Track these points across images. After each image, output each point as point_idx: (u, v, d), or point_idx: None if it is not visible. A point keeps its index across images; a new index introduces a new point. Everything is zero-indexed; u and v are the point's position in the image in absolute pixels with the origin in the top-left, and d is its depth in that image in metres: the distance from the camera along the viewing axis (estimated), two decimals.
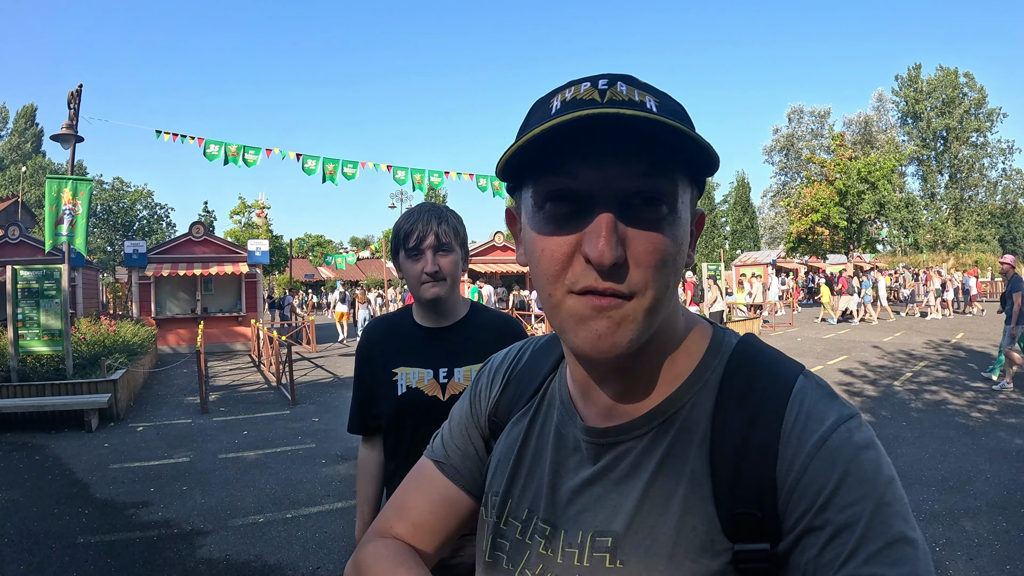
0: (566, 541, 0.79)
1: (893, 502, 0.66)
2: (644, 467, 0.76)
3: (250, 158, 14.77)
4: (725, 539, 0.70)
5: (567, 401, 0.88)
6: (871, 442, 0.69)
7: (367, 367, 2.12)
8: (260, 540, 5.16)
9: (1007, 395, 9.83)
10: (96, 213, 57.45)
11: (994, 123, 59.10)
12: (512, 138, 0.73)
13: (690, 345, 0.81)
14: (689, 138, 0.65)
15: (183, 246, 21.42)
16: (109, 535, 5.31)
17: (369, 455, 2.17)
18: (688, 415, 0.76)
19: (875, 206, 28.65)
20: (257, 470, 7.13)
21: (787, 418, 0.71)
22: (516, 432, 0.94)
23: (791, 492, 0.68)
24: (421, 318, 2.09)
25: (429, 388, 1.99)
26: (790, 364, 0.78)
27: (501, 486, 0.90)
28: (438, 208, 2.02)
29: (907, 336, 18.30)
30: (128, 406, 10.91)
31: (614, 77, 0.72)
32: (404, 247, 1.98)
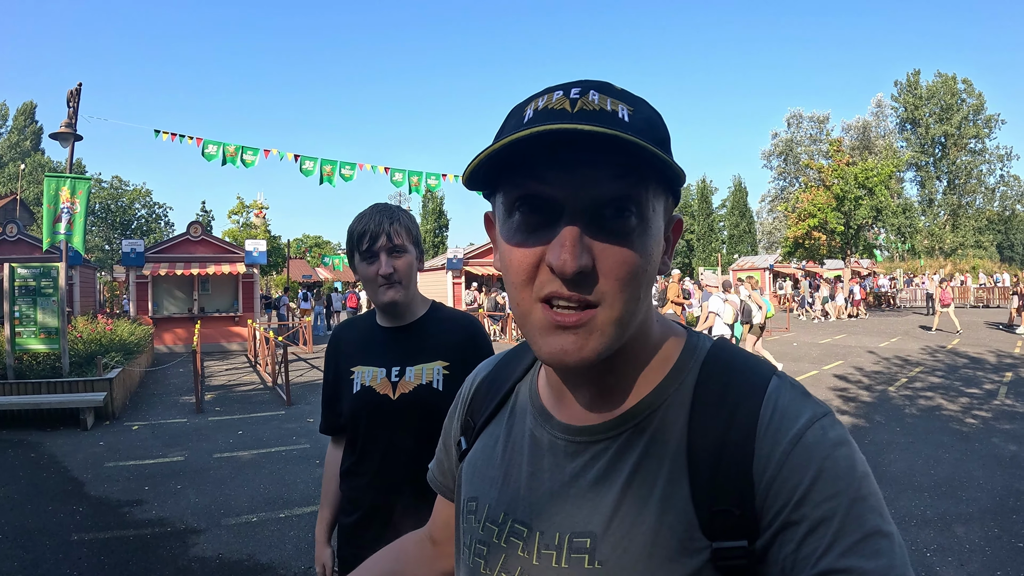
0: (542, 543, 0.79)
1: (868, 496, 0.67)
2: (620, 468, 0.77)
3: (248, 158, 14.78)
4: (703, 537, 0.70)
5: (539, 404, 0.89)
6: (844, 439, 0.71)
7: (332, 367, 2.14)
8: (253, 539, 5.17)
9: (1001, 401, 9.85)
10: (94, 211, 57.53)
11: (992, 129, 59.32)
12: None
13: (665, 349, 0.83)
14: (652, 154, 0.66)
15: (181, 245, 21.44)
16: (103, 533, 5.32)
17: (334, 454, 2.20)
18: (664, 416, 0.77)
19: (872, 212, 28.68)
20: (251, 470, 7.14)
21: (762, 417, 0.72)
22: (489, 438, 0.95)
23: (768, 489, 0.69)
24: (381, 319, 2.11)
25: (380, 387, 1.99)
26: (764, 366, 0.80)
27: (477, 491, 0.91)
28: (390, 208, 2.02)
29: (903, 342, 18.32)
30: (124, 405, 10.92)
31: (588, 85, 0.72)
32: (358, 250, 1.97)
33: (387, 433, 1.99)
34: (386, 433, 1.99)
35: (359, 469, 2.03)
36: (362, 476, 2.02)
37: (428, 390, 1.99)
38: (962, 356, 14.97)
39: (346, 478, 2.08)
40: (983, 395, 10.38)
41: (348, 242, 2.02)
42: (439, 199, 57.31)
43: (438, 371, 2.00)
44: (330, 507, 2.17)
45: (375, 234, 1.94)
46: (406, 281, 1.99)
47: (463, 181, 0.75)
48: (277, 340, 13.55)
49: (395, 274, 1.95)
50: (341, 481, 2.12)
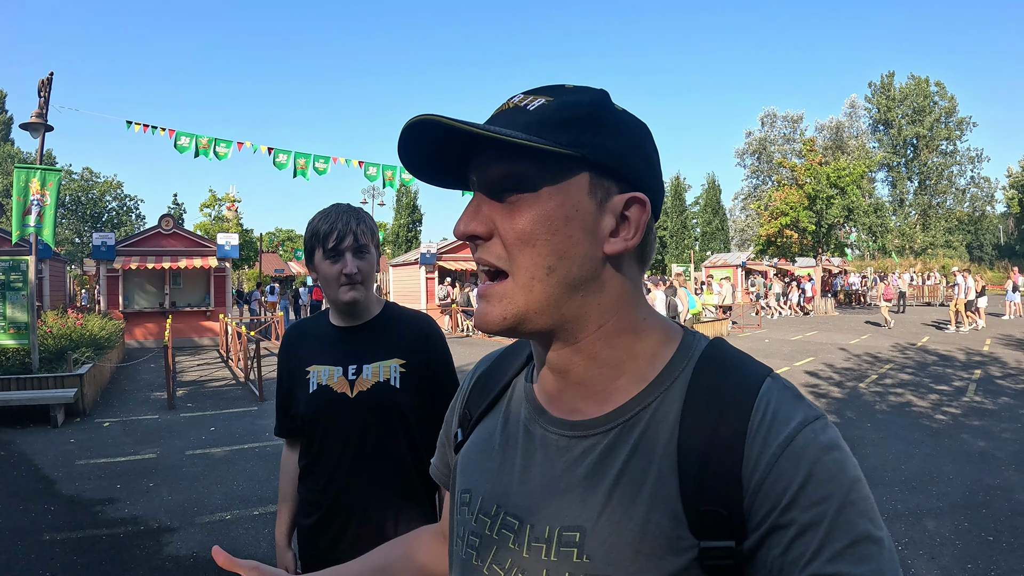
0: (532, 536, 0.79)
1: (858, 501, 0.68)
2: (611, 463, 0.77)
3: (221, 151, 14.62)
4: (691, 536, 0.71)
5: (533, 399, 0.90)
6: (836, 443, 0.71)
7: (285, 368, 2.13)
8: (227, 537, 5.13)
9: (970, 398, 10.01)
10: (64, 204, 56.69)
11: (964, 132, 60.23)
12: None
13: (657, 346, 0.83)
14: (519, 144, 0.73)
15: (152, 239, 21.18)
16: (75, 532, 5.25)
17: (290, 457, 2.18)
18: (655, 414, 0.78)
19: (844, 211, 28.97)
20: (225, 466, 7.08)
21: (753, 418, 0.72)
22: (484, 431, 0.96)
23: (756, 491, 0.69)
24: (336, 318, 2.09)
25: (338, 385, 1.99)
26: (757, 367, 0.80)
27: (471, 483, 0.92)
28: (355, 209, 2.02)
29: (873, 339, 18.55)
30: (94, 401, 10.76)
31: (533, 89, 0.82)
32: (322, 247, 1.96)
33: (345, 431, 1.98)
34: (344, 431, 1.98)
35: (316, 468, 2.02)
36: (319, 476, 2.01)
37: (386, 387, 1.99)
38: (932, 353, 15.20)
39: (304, 479, 2.08)
40: (952, 392, 10.54)
41: (310, 239, 1.99)
42: (413, 194, 57.06)
43: (395, 368, 2.00)
44: (288, 510, 2.16)
45: (342, 233, 1.93)
46: (368, 282, 2.00)
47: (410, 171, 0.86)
48: (249, 335, 13.43)
49: (358, 274, 1.95)
50: (299, 483, 2.11)
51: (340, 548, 1.95)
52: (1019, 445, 7.36)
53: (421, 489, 2.05)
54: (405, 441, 2.01)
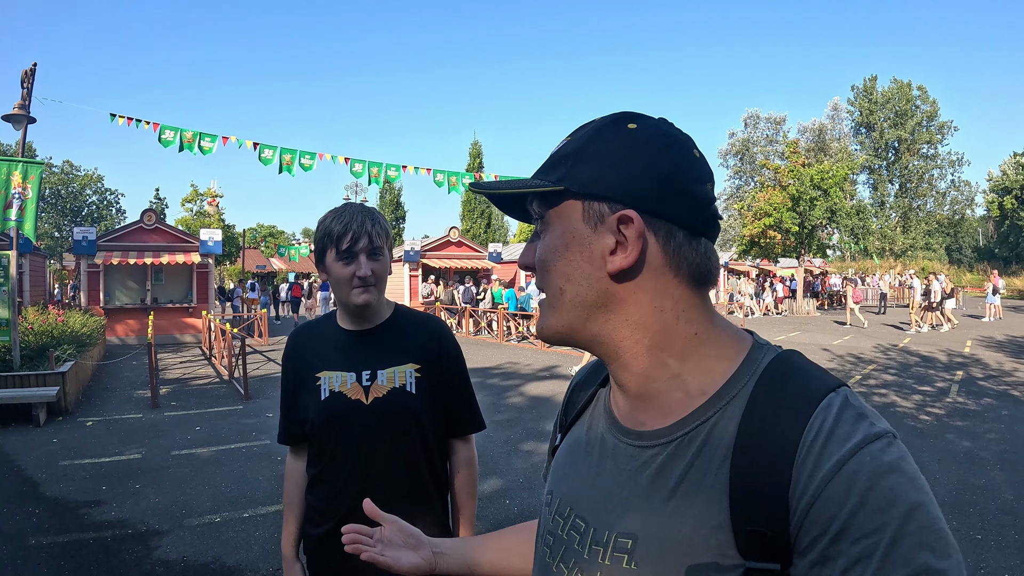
0: (594, 539, 0.82)
1: (917, 531, 0.63)
2: (669, 475, 0.78)
3: (206, 145, 14.51)
4: (738, 555, 0.70)
5: (609, 409, 0.93)
6: (896, 465, 0.67)
7: (291, 374, 2.06)
8: (218, 540, 5.07)
9: (953, 399, 10.11)
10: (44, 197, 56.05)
11: (945, 136, 60.79)
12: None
13: (717, 360, 0.82)
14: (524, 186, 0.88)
15: (134, 234, 20.94)
16: (62, 536, 5.17)
17: (296, 465, 2.11)
18: (714, 429, 0.77)
19: (827, 212, 29.18)
20: (211, 467, 7.00)
21: (806, 436, 0.69)
22: (571, 438, 1.01)
23: (804, 515, 0.67)
24: (345, 321, 2.03)
25: (352, 392, 1.93)
26: (824, 380, 0.76)
27: (554, 485, 0.97)
28: (370, 209, 1.96)
29: (856, 339, 18.70)
30: (77, 399, 10.62)
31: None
32: (336, 248, 1.89)
33: (360, 439, 1.92)
34: (359, 439, 1.92)
35: (328, 476, 1.96)
36: (332, 484, 1.95)
37: (403, 393, 1.95)
38: (913, 355, 15.33)
39: (313, 487, 2.01)
40: (936, 392, 10.65)
41: (322, 238, 1.92)
42: (397, 191, 56.86)
43: (410, 373, 1.96)
44: (295, 519, 2.09)
45: (357, 234, 1.87)
46: (381, 285, 1.95)
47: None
48: (234, 332, 13.32)
49: (372, 277, 1.90)
50: (308, 492, 2.04)
51: (353, 558, 1.90)
52: (1003, 445, 7.46)
53: (435, 495, 2.03)
54: (421, 447, 1.98)
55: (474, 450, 2.17)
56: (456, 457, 2.12)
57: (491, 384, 12.17)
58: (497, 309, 21.39)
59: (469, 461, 2.13)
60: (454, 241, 27.99)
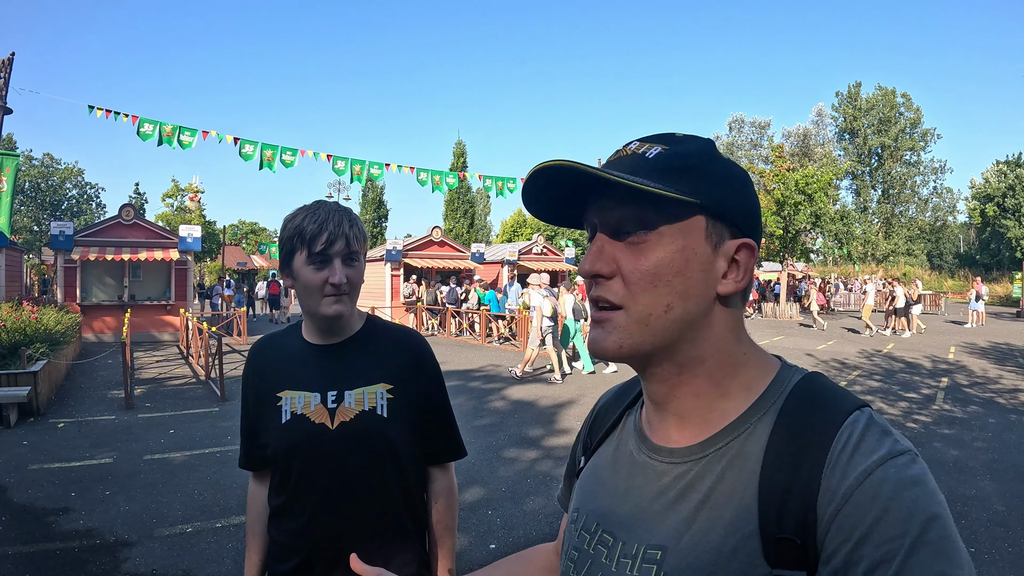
0: (623, 552, 0.85)
1: (935, 540, 0.67)
2: (698, 489, 0.81)
3: (186, 140, 14.34)
4: (765, 564, 0.73)
5: (639, 428, 0.96)
6: (919, 480, 0.71)
7: (252, 393, 1.84)
8: (189, 552, 4.87)
9: (940, 406, 10.06)
10: (24, 190, 55.40)
11: (928, 143, 61.20)
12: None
13: (754, 379, 0.87)
14: (647, 192, 0.79)
15: (112, 229, 20.54)
16: (28, 546, 4.97)
17: (258, 491, 1.90)
18: (744, 443, 0.81)
19: (811, 217, 29.24)
20: (184, 473, 6.79)
21: (834, 449, 0.74)
22: (599, 458, 1.03)
23: (830, 524, 0.70)
24: (311, 334, 1.82)
25: (316, 415, 1.72)
26: (849, 399, 0.81)
27: (581, 503, 0.99)
28: (346, 209, 1.75)
29: (839, 345, 18.70)
30: (49, 400, 10.36)
31: (651, 137, 0.89)
32: (307, 250, 1.68)
33: (326, 468, 1.72)
34: (325, 468, 1.72)
35: (293, 510, 1.75)
36: (298, 518, 1.74)
37: (372, 417, 1.73)
38: (898, 360, 15.33)
39: (277, 520, 1.80)
40: (922, 400, 10.61)
41: (290, 239, 1.71)
42: (379, 189, 56.59)
43: (382, 395, 1.75)
44: (258, 550, 1.88)
45: (334, 236, 1.67)
46: (355, 294, 1.75)
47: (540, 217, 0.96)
48: (211, 331, 13.07)
49: (346, 284, 1.69)
50: (271, 523, 1.83)
51: None
52: (992, 454, 7.42)
53: (412, 529, 1.83)
54: (395, 478, 1.77)
55: (454, 479, 1.96)
56: (434, 487, 1.91)
57: (473, 387, 12.01)
58: (480, 310, 21.25)
59: (448, 491, 1.93)
60: (436, 241, 27.78)
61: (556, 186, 0.86)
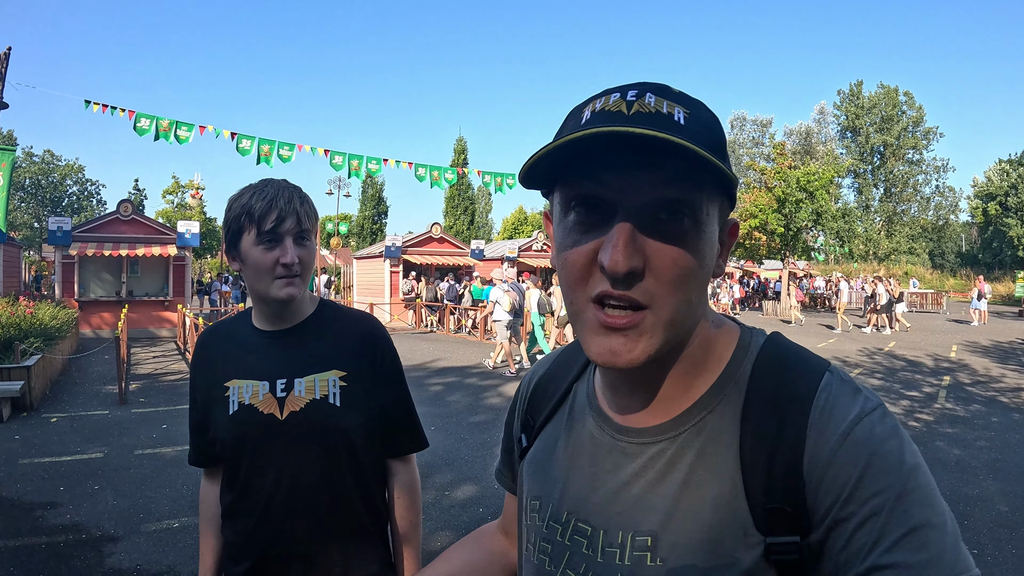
0: (606, 541, 0.81)
1: (916, 489, 0.67)
2: (678, 467, 0.78)
3: (182, 134, 14.28)
4: (758, 533, 0.72)
5: (597, 405, 0.90)
6: (893, 431, 0.71)
7: (200, 384, 1.75)
8: (174, 548, 4.79)
9: (942, 405, 9.98)
10: (24, 187, 55.43)
11: (931, 142, 61.17)
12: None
13: (719, 348, 0.84)
14: (705, 159, 0.66)
15: (110, 225, 20.48)
16: (13, 540, 4.91)
17: (210, 489, 1.80)
18: (719, 416, 0.79)
19: (812, 215, 29.15)
20: (174, 468, 6.71)
21: (812, 414, 0.73)
22: (549, 437, 0.97)
23: (818, 486, 0.70)
24: (260, 320, 1.72)
25: (264, 404, 1.63)
26: (816, 361, 0.80)
27: (540, 490, 0.93)
28: (296, 187, 1.65)
29: (840, 343, 18.64)
30: (43, 395, 10.30)
31: (645, 87, 0.75)
32: (256, 229, 1.57)
33: (276, 462, 1.62)
34: (275, 462, 1.62)
35: (242, 508, 1.66)
36: (247, 517, 1.65)
37: (324, 406, 1.64)
38: (899, 359, 15.25)
39: (229, 518, 1.70)
40: (924, 398, 10.53)
41: (238, 217, 1.60)
42: (379, 185, 56.63)
43: (334, 382, 1.66)
44: (212, 552, 1.78)
45: (284, 213, 1.57)
46: (306, 275, 1.64)
47: (520, 179, 0.76)
48: (207, 326, 13.01)
49: (298, 265, 1.59)
50: (223, 523, 1.73)
51: None
52: (994, 454, 7.33)
53: (372, 527, 1.72)
54: (350, 470, 1.66)
55: (415, 472, 1.85)
56: (395, 481, 1.80)
57: (469, 384, 11.95)
58: (477, 306, 21.18)
59: (411, 485, 1.81)
60: (436, 237, 27.67)
61: (572, 152, 0.71)
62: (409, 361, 14.48)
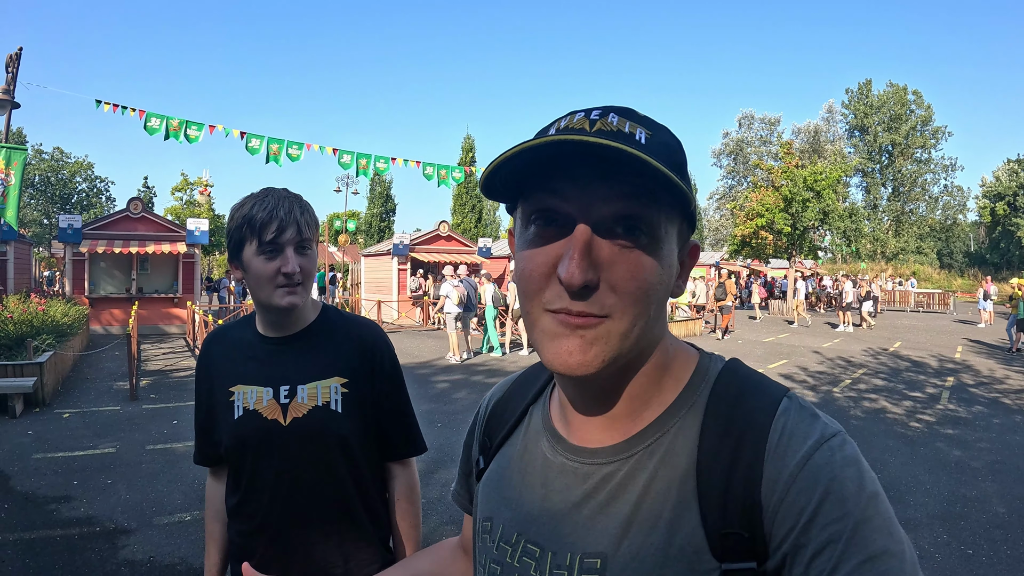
0: (554, 563, 0.80)
1: (874, 516, 0.68)
2: (631, 489, 0.77)
3: (192, 134, 14.36)
4: (713, 559, 0.71)
5: (551, 426, 0.90)
6: (853, 459, 0.72)
7: (206, 387, 1.82)
8: (186, 540, 4.92)
9: (944, 406, 10.02)
10: (34, 184, 55.60)
11: (939, 141, 60.91)
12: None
13: (676, 370, 0.84)
14: (663, 174, 0.67)
15: (120, 222, 20.62)
16: (28, 533, 5.02)
17: (215, 490, 1.87)
18: (674, 438, 0.78)
19: (819, 214, 29.10)
20: (185, 463, 6.81)
21: (771, 439, 0.73)
22: (503, 459, 0.96)
23: (775, 512, 0.70)
24: (264, 327, 1.78)
25: (268, 410, 1.69)
26: (774, 387, 0.80)
27: (492, 511, 0.92)
28: (296, 195, 1.71)
29: (845, 343, 18.66)
30: (55, 391, 10.43)
31: (609, 109, 0.76)
32: (257, 239, 1.62)
33: (279, 467, 1.69)
34: (277, 466, 1.69)
35: (246, 509, 1.73)
36: (251, 519, 1.73)
37: (326, 413, 1.70)
38: (904, 359, 15.27)
39: (233, 519, 1.78)
40: (926, 399, 10.57)
41: (240, 227, 1.65)
42: (387, 183, 56.69)
43: (336, 389, 1.72)
44: (218, 550, 1.86)
45: (284, 224, 1.62)
46: (308, 283, 1.69)
47: (480, 187, 0.77)
48: (216, 323, 13.13)
49: (299, 274, 1.65)
50: (229, 523, 1.81)
51: None
52: (994, 455, 7.38)
53: (371, 530, 1.79)
54: (350, 476, 1.74)
55: (415, 475, 1.92)
56: (394, 484, 1.88)
57: (475, 381, 12.05)
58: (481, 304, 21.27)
59: (410, 488, 1.89)
60: (444, 235, 27.74)
61: (533, 165, 0.72)
62: (416, 359, 14.60)
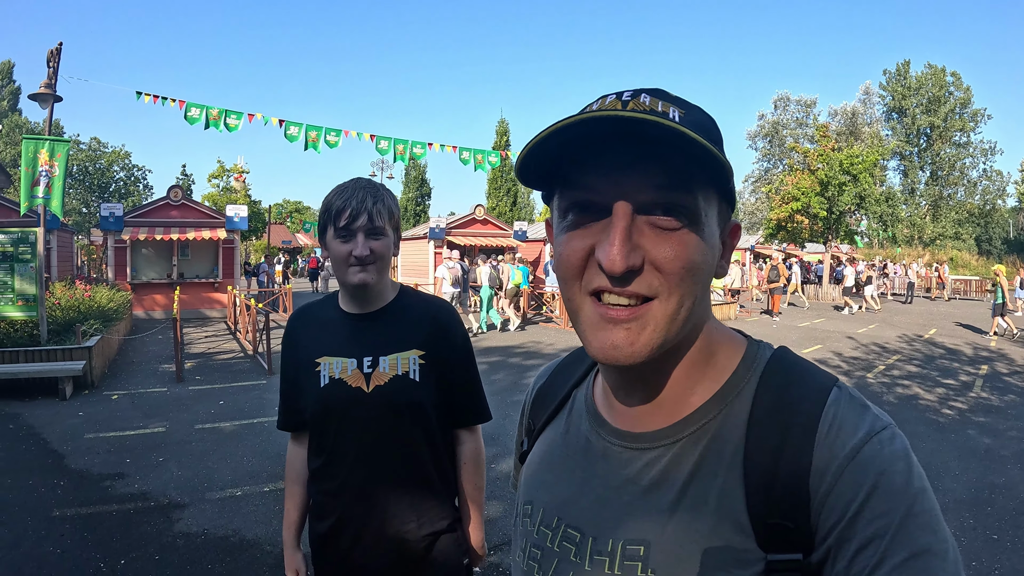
0: (595, 549, 0.79)
1: (921, 513, 0.67)
2: (675, 476, 0.77)
3: (232, 123, 14.61)
4: (758, 549, 0.71)
5: (594, 410, 0.90)
6: (902, 453, 0.71)
7: (291, 359, 1.99)
8: (238, 514, 5.15)
9: (977, 394, 9.97)
10: (72, 174, 56.58)
11: (978, 124, 59.33)
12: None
13: (723, 357, 0.83)
14: (701, 147, 0.66)
15: (160, 210, 21.11)
16: (85, 508, 5.26)
17: (297, 453, 2.04)
18: (721, 426, 0.77)
19: (856, 198, 28.74)
20: (234, 442, 7.10)
21: (820, 430, 0.72)
22: (546, 442, 0.97)
23: (823, 503, 0.69)
24: (346, 304, 1.95)
25: (352, 379, 1.85)
26: (824, 376, 0.79)
27: (533, 495, 0.92)
28: (374, 185, 1.87)
29: (881, 329, 18.47)
30: (103, 374, 10.79)
31: (640, 90, 0.75)
32: (334, 225, 1.81)
33: (360, 430, 1.85)
34: (359, 430, 1.85)
35: (329, 471, 1.89)
36: (332, 479, 1.89)
37: (405, 381, 1.86)
38: (939, 347, 15.11)
39: (315, 481, 1.95)
40: (959, 387, 10.49)
41: (323, 214, 1.86)
42: (422, 167, 56.82)
43: (414, 360, 1.88)
44: (297, 508, 2.04)
45: (356, 212, 1.79)
46: (380, 265, 1.85)
47: (515, 174, 0.77)
48: (258, 307, 13.44)
49: (370, 256, 1.81)
50: (310, 483, 1.98)
51: (355, 555, 1.87)
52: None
53: (441, 488, 1.96)
54: (424, 440, 1.90)
55: (481, 441, 2.10)
56: (462, 448, 2.05)
57: (512, 363, 12.20)
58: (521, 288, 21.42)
59: (476, 452, 2.06)
60: (479, 219, 27.88)
61: (568, 147, 0.72)
62: None
